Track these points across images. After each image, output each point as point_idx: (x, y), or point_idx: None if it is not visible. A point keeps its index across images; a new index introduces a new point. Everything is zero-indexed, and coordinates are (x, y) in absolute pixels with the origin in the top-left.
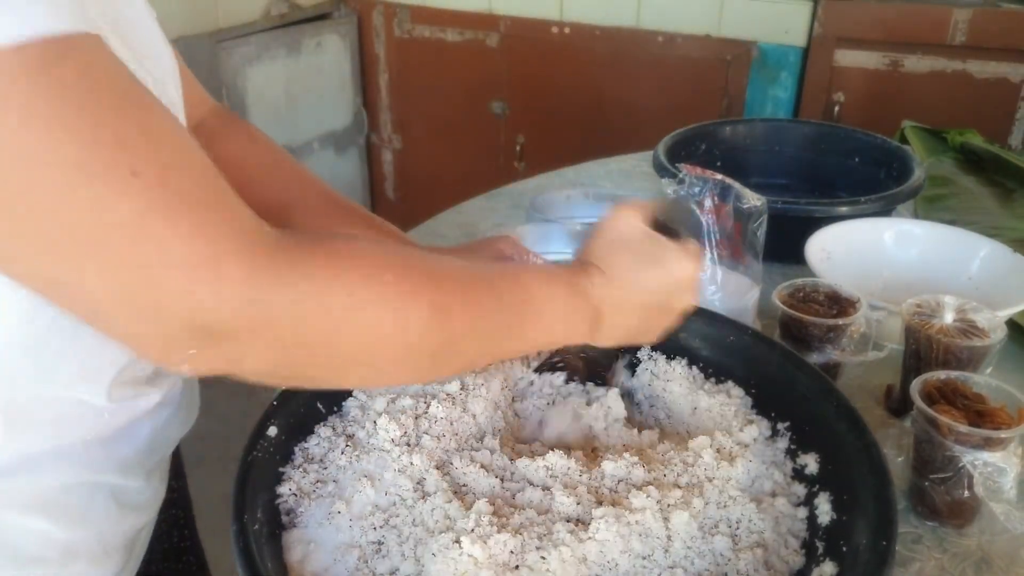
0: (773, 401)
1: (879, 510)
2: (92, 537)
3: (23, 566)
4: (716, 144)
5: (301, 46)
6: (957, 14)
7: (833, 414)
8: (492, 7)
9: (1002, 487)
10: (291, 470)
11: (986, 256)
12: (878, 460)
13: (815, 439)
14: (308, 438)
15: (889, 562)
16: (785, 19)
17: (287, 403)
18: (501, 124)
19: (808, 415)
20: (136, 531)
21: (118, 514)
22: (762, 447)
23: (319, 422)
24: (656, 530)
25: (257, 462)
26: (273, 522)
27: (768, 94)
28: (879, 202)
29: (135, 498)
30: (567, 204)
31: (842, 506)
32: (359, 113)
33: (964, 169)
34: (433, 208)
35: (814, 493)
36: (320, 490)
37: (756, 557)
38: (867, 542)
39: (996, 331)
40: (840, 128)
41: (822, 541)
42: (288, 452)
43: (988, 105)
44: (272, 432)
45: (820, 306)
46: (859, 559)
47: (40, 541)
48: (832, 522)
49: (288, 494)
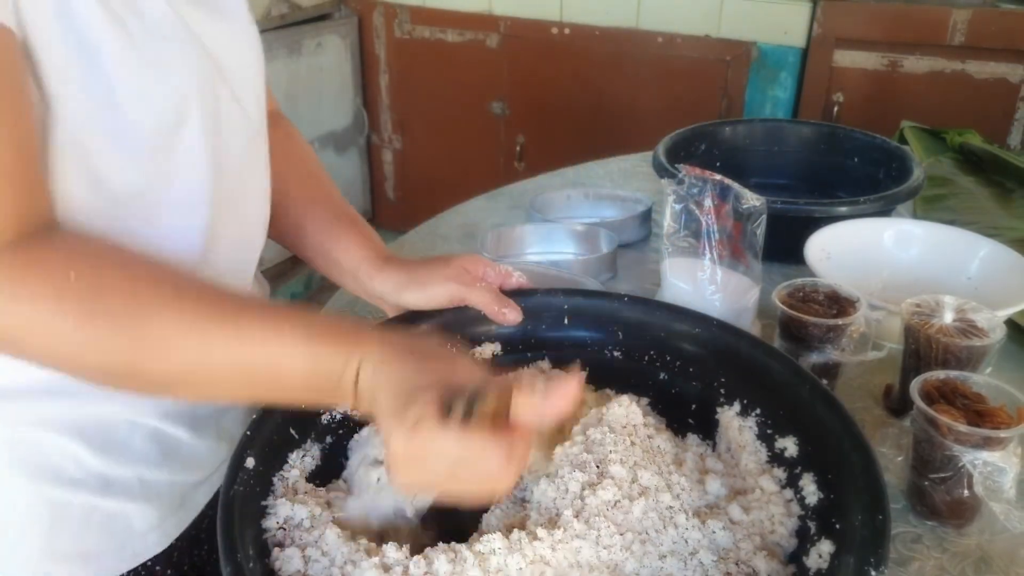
0: (744, 388)
1: (868, 485)
2: (132, 476)
3: (64, 487)
4: (716, 144)
5: (301, 47)
6: (956, 14)
7: (807, 396)
8: (492, 8)
9: (1001, 487)
10: (273, 501)
11: (985, 256)
12: (859, 437)
13: (791, 423)
14: (284, 467)
15: (887, 535)
16: (784, 20)
17: (260, 430)
18: (501, 124)
19: (781, 399)
20: (186, 485)
21: (160, 459)
22: (735, 434)
23: (294, 448)
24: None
25: (239, 496)
26: (264, 556)
27: (767, 94)
28: (878, 202)
29: (181, 449)
30: (567, 204)
31: (828, 485)
32: (359, 113)
33: (963, 169)
34: (433, 208)
35: (797, 475)
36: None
37: (754, 544)
38: (863, 518)
39: (995, 331)
40: (839, 128)
41: (813, 521)
42: (267, 483)
43: (987, 105)
44: (250, 463)
45: (820, 306)
46: (856, 535)
47: (77, 466)
48: (820, 501)
49: (275, 528)
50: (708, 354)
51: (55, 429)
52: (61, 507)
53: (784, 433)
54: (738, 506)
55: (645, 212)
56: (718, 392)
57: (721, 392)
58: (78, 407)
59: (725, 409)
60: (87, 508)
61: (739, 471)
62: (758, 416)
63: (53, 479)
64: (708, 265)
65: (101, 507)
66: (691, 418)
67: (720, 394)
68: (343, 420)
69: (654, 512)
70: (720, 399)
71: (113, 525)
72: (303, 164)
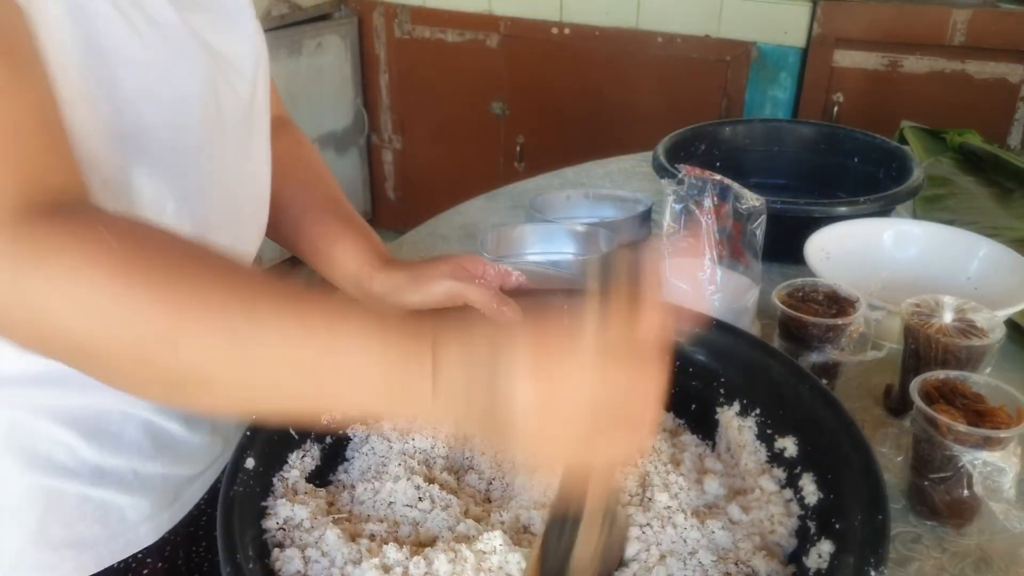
0: (744, 388)
1: (868, 485)
2: (124, 466)
3: (58, 475)
4: (715, 144)
5: (302, 47)
6: (956, 14)
7: (807, 396)
8: (492, 8)
9: (1001, 486)
10: (273, 502)
11: (985, 256)
12: (859, 436)
13: (791, 423)
14: (284, 467)
15: (887, 535)
16: (784, 20)
17: (260, 431)
18: (501, 124)
19: (781, 399)
20: (180, 479)
21: (153, 452)
22: (735, 434)
23: (293, 449)
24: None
25: (239, 497)
26: (264, 557)
27: (767, 94)
28: (878, 202)
29: (175, 443)
30: (567, 204)
31: (827, 485)
32: (359, 113)
33: (963, 169)
34: (433, 208)
35: (796, 475)
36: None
37: (753, 544)
38: (863, 517)
39: (995, 331)
40: (839, 128)
41: (813, 521)
42: (267, 483)
43: (987, 105)
44: (250, 464)
45: (819, 306)
46: (856, 535)
47: (70, 455)
48: (820, 501)
49: (275, 528)
50: (708, 354)
51: (49, 417)
52: (54, 495)
53: (784, 433)
54: (737, 506)
55: (645, 212)
56: (718, 392)
57: (721, 392)
58: (70, 395)
59: (725, 409)
60: (80, 497)
61: (739, 471)
62: (758, 416)
63: (46, 467)
64: (708, 265)
65: (94, 497)
66: (690, 418)
67: (720, 394)
68: (343, 421)
69: (652, 511)
70: (720, 399)
71: (106, 515)
72: (308, 168)
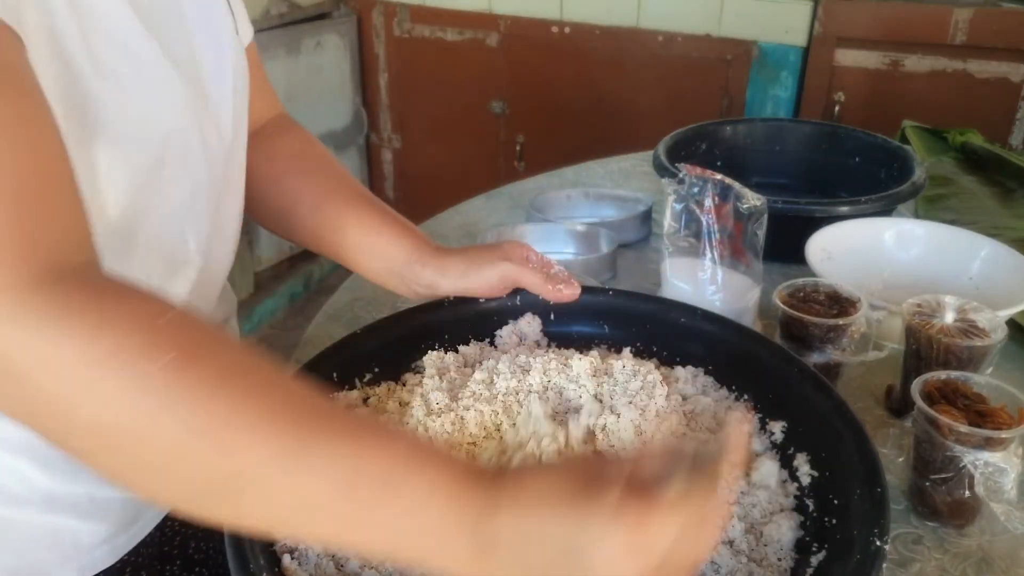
0: (732, 375)
1: (863, 461)
2: (81, 493)
3: (8, 505)
4: (716, 144)
5: (301, 46)
6: (957, 14)
7: (796, 379)
8: (492, 7)
9: (1003, 487)
10: None
11: (987, 256)
12: (848, 414)
13: (781, 406)
14: None
15: (887, 508)
16: (785, 19)
17: None
18: (501, 124)
19: (770, 384)
20: (139, 502)
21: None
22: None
23: None
24: None
25: None
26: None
27: (768, 94)
28: (880, 202)
29: None
30: (567, 204)
31: (821, 463)
32: (359, 113)
33: (965, 169)
34: (433, 208)
35: (790, 456)
36: None
37: (751, 523)
38: (860, 492)
39: (997, 331)
40: (840, 128)
41: (810, 499)
42: None
43: (988, 105)
44: None
45: (820, 306)
46: (855, 509)
47: (22, 483)
48: (814, 480)
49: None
50: (697, 345)
51: (1, 448)
52: (3, 523)
53: (774, 416)
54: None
55: (645, 212)
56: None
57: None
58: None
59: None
60: (31, 524)
61: None
62: (747, 401)
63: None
64: (709, 265)
65: (45, 523)
66: None
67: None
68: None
69: None
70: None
71: (59, 540)
72: (323, 159)
